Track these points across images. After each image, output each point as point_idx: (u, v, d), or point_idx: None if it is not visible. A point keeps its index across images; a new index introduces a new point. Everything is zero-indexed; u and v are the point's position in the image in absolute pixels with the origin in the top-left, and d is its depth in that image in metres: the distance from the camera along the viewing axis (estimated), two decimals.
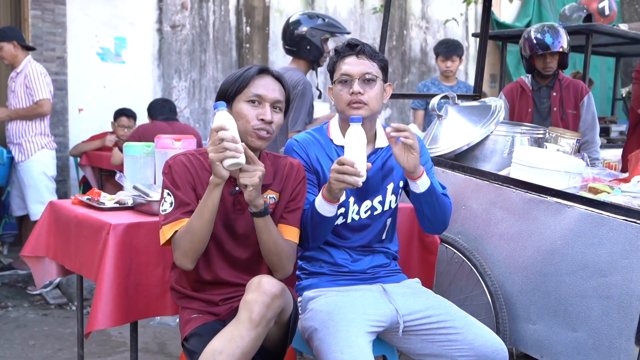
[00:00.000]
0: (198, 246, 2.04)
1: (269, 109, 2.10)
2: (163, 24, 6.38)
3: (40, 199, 4.84)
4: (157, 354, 3.72)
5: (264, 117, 2.08)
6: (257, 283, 1.93)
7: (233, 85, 2.12)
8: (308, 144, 2.39)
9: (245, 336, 1.87)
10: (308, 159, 2.36)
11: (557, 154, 3.16)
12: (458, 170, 3.20)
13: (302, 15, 3.85)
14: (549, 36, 3.95)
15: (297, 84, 3.62)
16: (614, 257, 2.58)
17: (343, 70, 2.31)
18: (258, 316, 1.88)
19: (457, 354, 2.21)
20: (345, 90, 2.30)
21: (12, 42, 4.77)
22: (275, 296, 1.92)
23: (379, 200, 2.39)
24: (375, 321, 2.20)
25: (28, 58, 4.87)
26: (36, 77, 4.81)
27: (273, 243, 2.09)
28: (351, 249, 2.41)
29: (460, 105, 3.51)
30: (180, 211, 2.07)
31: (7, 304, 4.50)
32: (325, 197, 2.15)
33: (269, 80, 2.13)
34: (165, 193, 2.11)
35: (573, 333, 2.72)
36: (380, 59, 2.34)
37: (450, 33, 8.46)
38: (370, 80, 2.30)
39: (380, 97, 2.33)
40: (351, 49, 2.32)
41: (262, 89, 2.10)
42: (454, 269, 3.15)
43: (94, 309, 2.30)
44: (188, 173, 2.12)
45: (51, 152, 5.02)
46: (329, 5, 7.51)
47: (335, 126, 2.42)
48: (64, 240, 2.76)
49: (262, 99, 2.10)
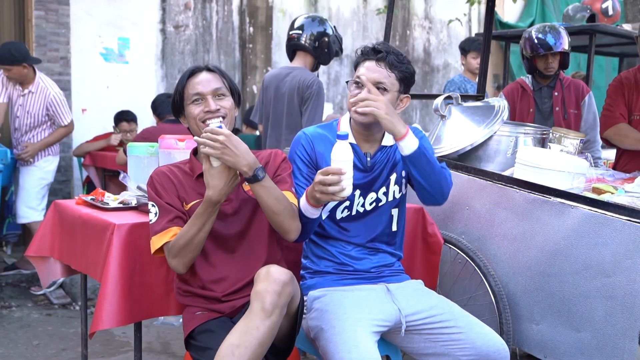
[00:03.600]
0: (194, 254, 2.12)
1: (210, 100, 2.18)
2: (166, 24, 6.39)
3: (28, 204, 4.85)
4: (161, 354, 3.73)
5: (208, 109, 2.17)
6: (266, 273, 1.95)
7: (175, 96, 2.25)
8: (316, 138, 2.40)
9: (260, 326, 1.89)
10: (313, 153, 2.38)
11: (561, 154, 3.15)
12: (461, 171, 3.19)
13: (324, 19, 3.88)
14: (551, 36, 3.95)
15: (312, 83, 3.62)
16: (618, 257, 2.58)
17: (359, 72, 2.32)
18: (271, 305, 1.90)
19: (460, 353, 2.22)
20: (355, 92, 2.31)
21: (22, 64, 4.68)
22: (285, 284, 1.94)
23: (383, 192, 2.41)
24: (380, 321, 2.21)
25: (38, 75, 4.83)
26: (60, 103, 4.85)
27: (275, 202, 2.11)
28: (358, 245, 2.41)
29: (464, 106, 3.51)
30: (165, 219, 2.14)
31: (11, 304, 4.51)
32: (309, 201, 2.16)
33: (203, 76, 2.21)
34: (150, 205, 2.19)
35: (576, 333, 2.72)
36: (402, 70, 2.31)
37: (453, 33, 8.47)
38: (381, 89, 2.29)
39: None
40: (374, 53, 2.32)
41: (199, 86, 2.19)
42: (458, 269, 3.15)
43: (99, 309, 2.30)
44: (169, 181, 2.21)
45: (55, 159, 5.04)
46: (332, 5, 7.51)
47: (345, 124, 2.43)
48: (69, 241, 2.76)
49: (202, 95, 2.19)
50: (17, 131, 4.92)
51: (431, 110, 7.47)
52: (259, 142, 5.02)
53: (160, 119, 5.23)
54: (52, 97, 4.82)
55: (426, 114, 8.41)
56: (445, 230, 3.17)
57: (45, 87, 4.82)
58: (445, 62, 8.55)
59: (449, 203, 3.17)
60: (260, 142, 4.97)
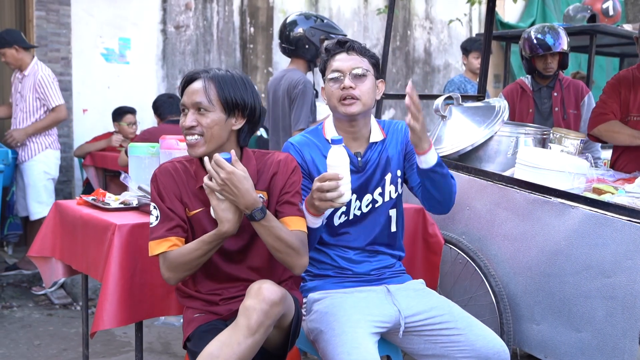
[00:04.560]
0: (191, 273, 2.11)
1: (189, 115, 2.08)
2: (167, 24, 6.40)
3: (38, 199, 4.86)
4: (162, 354, 3.73)
5: (183, 124, 2.09)
6: (257, 289, 1.92)
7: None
8: (303, 146, 2.39)
9: (242, 343, 1.87)
10: (304, 162, 2.36)
11: (561, 155, 3.16)
12: (462, 171, 3.20)
13: (298, 16, 3.90)
14: (550, 37, 3.95)
15: (298, 83, 3.65)
16: (618, 257, 2.58)
17: (334, 67, 2.32)
18: (256, 324, 1.88)
19: (459, 355, 2.21)
20: (337, 86, 2.31)
21: (13, 47, 4.75)
22: (274, 303, 1.90)
23: (379, 193, 2.40)
24: (379, 322, 2.21)
25: (35, 60, 4.88)
26: (49, 83, 4.82)
27: (275, 240, 2.03)
28: (357, 249, 2.40)
29: (464, 106, 3.52)
30: (165, 227, 2.09)
31: (12, 304, 4.52)
32: (310, 210, 2.14)
33: (194, 86, 2.09)
34: (152, 206, 2.14)
35: (577, 333, 2.72)
36: (371, 55, 2.35)
37: (454, 33, 8.47)
38: (362, 75, 2.30)
39: (372, 92, 2.33)
40: (341, 46, 2.34)
41: (185, 97, 2.10)
42: (458, 269, 3.15)
43: (100, 309, 2.31)
44: (174, 183, 2.14)
45: (55, 152, 5.02)
46: (332, 5, 7.51)
47: (330, 125, 2.42)
48: (70, 241, 2.77)
49: (186, 107, 2.10)
50: (15, 120, 4.92)
51: (432, 111, 7.47)
52: (259, 143, 5.03)
53: (162, 119, 5.23)
54: (40, 77, 4.80)
55: (427, 114, 8.40)
56: (445, 230, 3.18)
57: (37, 70, 4.83)
58: (446, 63, 8.55)
59: None
60: (260, 142, 5.00)
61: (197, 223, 2.13)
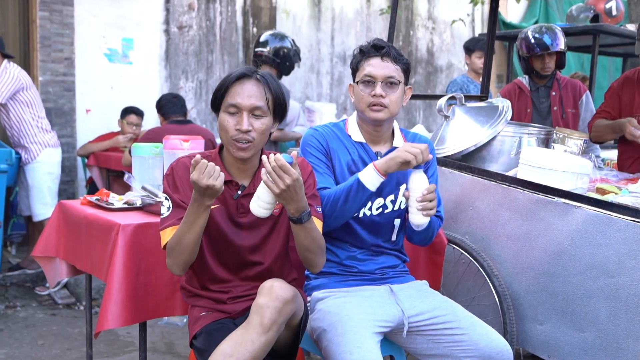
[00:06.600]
0: (188, 258, 2.06)
1: (245, 118, 2.04)
2: (170, 24, 6.40)
3: (42, 200, 4.85)
4: (165, 354, 3.74)
5: (239, 127, 2.04)
6: (269, 287, 1.94)
7: (215, 95, 2.11)
8: (328, 134, 2.41)
9: (255, 341, 1.88)
10: (327, 146, 2.38)
11: (565, 155, 3.16)
12: (465, 171, 3.20)
13: (272, 36, 4.64)
14: (547, 36, 3.95)
15: None
16: (622, 257, 2.58)
17: (367, 72, 2.32)
18: (269, 321, 1.89)
19: (463, 354, 2.22)
20: (368, 91, 2.32)
21: None
22: (287, 301, 1.92)
23: (390, 200, 2.41)
24: (382, 321, 2.21)
25: (5, 64, 4.59)
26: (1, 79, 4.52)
27: (311, 242, 2.07)
28: (362, 248, 2.41)
29: (467, 106, 3.52)
30: (176, 216, 2.08)
31: (16, 304, 4.52)
32: (379, 168, 2.19)
33: (248, 86, 2.07)
34: (164, 197, 2.13)
35: (580, 333, 2.72)
36: (404, 62, 2.35)
37: (456, 33, 8.47)
38: (393, 84, 2.31)
39: (400, 100, 2.35)
40: (376, 50, 2.32)
41: (238, 98, 2.05)
42: (462, 269, 3.15)
43: (104, 309, 2.31)
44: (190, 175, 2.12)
45: (56, 150, 4.96)
46: (335, 6, 7.52)
47: (353, 124, 2.44)
48: (74, 241, 2.77)
49: (239, 108, 2.06)
50: None
51: (435, 111, 7.47)
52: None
53: (165, 119, 5.22)
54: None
55: (429, 114, 8.41)
56: (449, 230, 3.18)
57: (3, 68, 4.55)
58: (449, 63, 8.55)
59: (452, 203, 3.19)
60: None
61: (211, 219, 2.10)
